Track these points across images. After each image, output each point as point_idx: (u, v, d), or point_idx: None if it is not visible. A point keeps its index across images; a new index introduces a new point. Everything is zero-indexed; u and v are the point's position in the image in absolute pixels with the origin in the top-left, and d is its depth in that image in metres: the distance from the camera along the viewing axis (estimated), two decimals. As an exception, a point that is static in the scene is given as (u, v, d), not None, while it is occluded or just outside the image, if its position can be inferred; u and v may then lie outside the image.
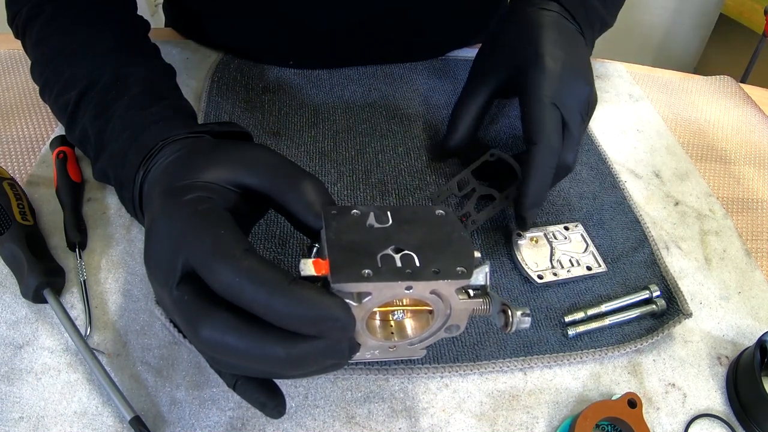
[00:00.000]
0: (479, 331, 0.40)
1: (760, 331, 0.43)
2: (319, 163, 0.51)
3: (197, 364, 0.37)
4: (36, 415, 0.34)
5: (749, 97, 0.68)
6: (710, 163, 0.59)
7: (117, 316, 0.39)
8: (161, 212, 0.29)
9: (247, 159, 0.32)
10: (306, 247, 0.34)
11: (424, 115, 0.57)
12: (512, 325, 0.29)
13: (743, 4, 1.87)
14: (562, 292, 0.43)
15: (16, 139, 0.51)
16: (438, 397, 0.37)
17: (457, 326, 0.30)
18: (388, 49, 0.62)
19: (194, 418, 0.34)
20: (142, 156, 0.35)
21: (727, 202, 0.54)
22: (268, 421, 0.35)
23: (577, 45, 0.48)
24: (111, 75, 0.41)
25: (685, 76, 0.71)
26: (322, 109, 0.56)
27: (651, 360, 0.40)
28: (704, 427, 0.37)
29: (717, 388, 0.39)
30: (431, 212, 0.30)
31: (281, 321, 0.25)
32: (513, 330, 0.29)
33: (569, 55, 0.45)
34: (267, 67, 0.61)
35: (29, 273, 0.37)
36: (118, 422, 0.34)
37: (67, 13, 0.45)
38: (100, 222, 0.44)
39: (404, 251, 0.27)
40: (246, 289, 0.25)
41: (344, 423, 0.35)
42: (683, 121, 0.63)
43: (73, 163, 0.47)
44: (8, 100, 0.54)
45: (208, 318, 0.25)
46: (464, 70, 0.64)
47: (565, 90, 0.43)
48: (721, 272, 0.47)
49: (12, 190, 0.42)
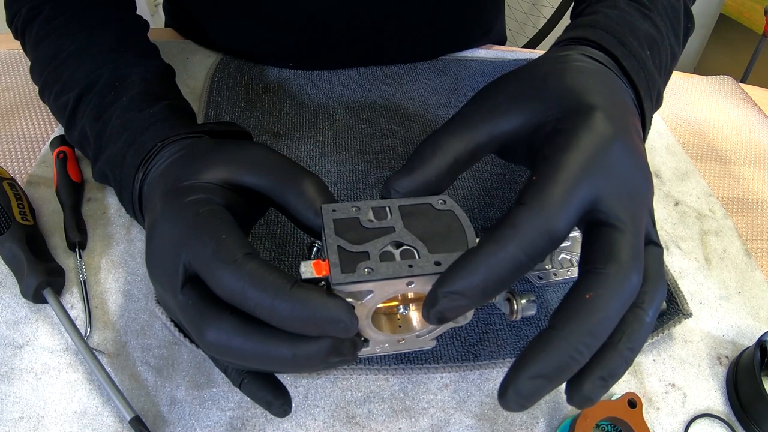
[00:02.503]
0: (479, 331, 0.40)
1: (760, 331, 0.43)
2: (319, 163, 0.51)
3: (197, 364, 0.37)
4: (36, 415, 0.34)
5: (749, 97, 0.68)
6: (710, 163, 0.59)
7: (117, 316, 0.39)
8: (162, 214, 0.29)
9: (247, 158, 0.32)
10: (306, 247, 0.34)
11: (424, 115, 0.57)
12: (518, 312, 0.29)
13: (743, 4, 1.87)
14: (562, 292, 0.43)
15: (16, 139, 0.51)
16: (438, 397, 0.37)
17: (464, 316, 0.30)
18: (388, 50, 0.62)
19: (194, 418, 0.34)
20: (141, 157, 0.35)
21: (727, 202, 0.54)
22: (268, 420, 0.35)
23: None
24: (110, 76, 0.41)
25: (685, 76, 0.71)
26: (322, 109, 0.56)
27: (651, 360, 0.40)
28: (704, 427, 0.37)
29: (717, 388, 0.39)
30: (431, 204, 0.30)
31: (285, 324, 0.25)
32: (519, 317, 0.29)
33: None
34: (267, 67, 0.61)
35: (29, 273, 0.37)
36: (118, 422, 0.34)
37: (66, 14, 0.45)
38: (100, 222, 0.44)
39: (404, 246, 0.27)
40: (248, 294, 0.25)
41: (344, 423, 0.35)
42: (683, 120, 0.63)
43: (73, 163, 0.47)
44: (8, 100, 0.54)
45: (213, 322, 0.26)
46: (464, 70, 0.64)
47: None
48: (721, 272, 0.47)
49: (12, 190, 0.42)
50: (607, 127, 0.28)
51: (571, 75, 0.32)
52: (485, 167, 0.52)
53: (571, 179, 0.26)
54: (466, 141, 0.31)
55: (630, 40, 0.37)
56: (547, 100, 0.31)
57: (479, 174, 0.51)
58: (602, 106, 0.29)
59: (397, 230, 0.28)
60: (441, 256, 0.27)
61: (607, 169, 0.27)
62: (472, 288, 0.24)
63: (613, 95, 0.32)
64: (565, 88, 0.31)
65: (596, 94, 0.30)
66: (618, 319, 0.25)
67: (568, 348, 0.24)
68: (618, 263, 0.25)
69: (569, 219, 0.26)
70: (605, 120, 0.29)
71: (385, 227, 0.28)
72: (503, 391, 0.24)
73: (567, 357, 0.24)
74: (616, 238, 0.26)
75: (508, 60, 0.66)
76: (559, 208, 0.26)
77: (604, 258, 0.26)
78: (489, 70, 0.64)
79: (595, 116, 0.29)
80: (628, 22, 0.38)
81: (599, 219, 0.27)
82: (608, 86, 0.32)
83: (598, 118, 0.29)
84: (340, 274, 0.26)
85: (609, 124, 0.29)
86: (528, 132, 0.31)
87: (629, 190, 0.28)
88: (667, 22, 0.41)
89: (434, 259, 0.27)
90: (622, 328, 0.26)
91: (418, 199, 0.30)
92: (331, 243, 0.27)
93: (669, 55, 0.41)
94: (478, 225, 0.47)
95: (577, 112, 0.29)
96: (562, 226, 0.26)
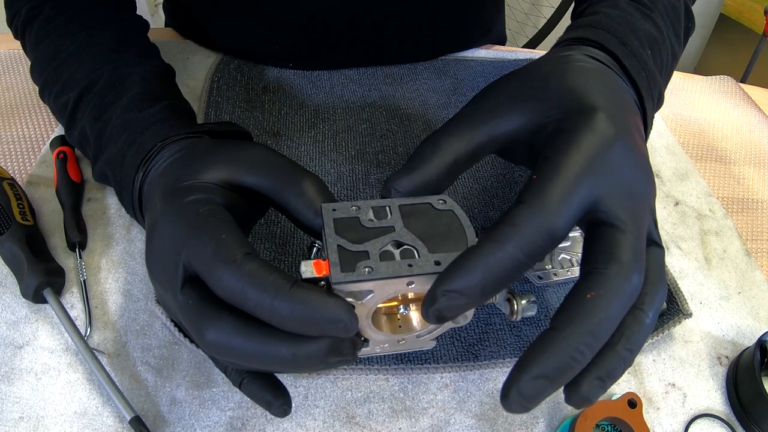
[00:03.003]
0: (479, 331, 0.40)
1: (760, 331, 0.43)
2: (319, 163, 0.51)
3: (197, 364, 0.37)
4: (36, 415, 0.34)
5: (749, 97, 0.68)
6: (710, 163, 0.59)
7: (117, 316, 0.39)
8: (162, 214, 0.29)
9: (247, 158, 0.32)
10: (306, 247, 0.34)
11: (424, 115, 0.57)
12: (518, 312, 0.29)
13: (743, 4, 1.87)
14: (563, 292, 0.43)
15: (16, 139, 0.51)
16: (438, 397, 0.37)
17: (464, 316, 0.30)
18: (388, 50, 0.62)
19: (194, 418, 0.34)
20: (141, 157, 0.35)
21: (727, 202, 0.54)
22: (268, 420, 0.35)
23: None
24: (110, 76, 0.41)
25: (685, 76, 0.71)
26: (322, 109, 0.56)
27: (651, 360, 0.40)
28: (704, 427, 0.37)
29: (717, 388, 0.39)
30: (431, 204, 0.30)
31: (284, 324, 0.25)
32: (519, 317, 0.29)
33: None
34: (267, 67, 0.61)
35: (29, 273, 0.37)
36: (118, 422, 0.34)
37: (66, 14, 0.45)
38: (100, 222, 0.44)
39: (404, 245, 0.27)
40: (248, 294, 0.25)
41: (344, 423, 0.35)
42: (683, 120, 0.63)
43: (73, 163, 0.47)
44: (8, 100, 0.54)
45: (213, 322, 0.26)
46: (464, 70, 0.64)
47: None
48: (721, 272, 0.47)
49: (12, 190, 0.42)
50: (608, 127, 0.28)
51: (573, 75, 0.32)
52: (485, 167, 0.52)
53: (572, 179, 0.26)
54: (467, 141, 0.31)
55: (631, 40, 0.37)
56: (548, 100, 0.31)
57: (479, 174, 0.51)
58: (604, 107, 0.29)
59: (397, 230, 0.28)
60: (441, 255, 0.27)
61: (608, 170, 0.27)
62: (470, 287, 0.24)
63: (614, 95, 0.31)
64: (566, 88, 0.31)
65: (598, 95, 0.30)
66: (619, 319, 0.25)
67: (569, 348, 0.24)
68: (619, 263, 0.25)
69: (569, 218, 0.26)
70: (607, 120, 0.28)
71: (385, 227, 0.28)
72: (506, 393, 0.24)
73: (568, 357, 0.24)
74: (617, 239, 0.26)
75: (508, 60, 0.66)
76: (559, 207, 0.26)
77: (605, 258, 0.25)
78: (489, 70, 0.64)
79: (596, 116, 0.29)
80: (629, 22, 0.38)
81: (600, 219, 0.27)
82: (610, 86, 0.32)
83: (599, 119, 0.28)
84: (340, 273, 0.26)
85: (610, 125, 0.28)
86: (529, 132, 0.31)
87: (630, 191, 0.28)
88: (667, 21, 0.41)
89: (434, 258, 0.27)
90: (622, 330, 0.25)
91: (418, 199, 0.30)
92: (331, 242, 0.27)
93: (670, 55, 0.41)
94: (478, 225, 0.47)
95: (579, 113, 0.29)
96: (562, 226, 0.26)
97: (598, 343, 0.25)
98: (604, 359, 0.25)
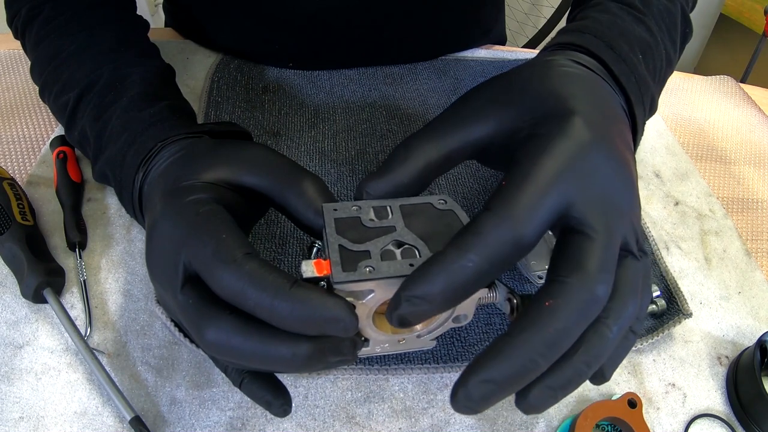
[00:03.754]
0: (479, 331, 0.40)
1: (760, 331, 0.43)
2: (319, 163, 0.51)
3: (197, 364, 0.37)
4: (36, 415, 0.34)
5: (749, 97, 0.68)
6: (710, 163, 0.59)
7: (117, 316, 0.39)
8: (162, 214, 0.29)
9: (247, 158, 0.32)
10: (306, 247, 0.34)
11: (424, 116, 0.57)
12: (518, 312, 0.29)
13: (743, 4, 1.87)
14: (562, 292, 0.43)
15: (16, 139, 0.51)
16: (438, 397, 0.37)
17: (464, 315, 0.30)
18: (388, 50, 0.62)
19: (194, 418, 0.34)
20: (141, 157, 0.35)
21: (727, 202, 0.54)
22: (268, 420, 0.35)
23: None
24: (110, 76, 0.41)
25: (685, 76, 0.71)
26: (322, 109, 0.56)
27: (651, 360, 0.40)
28: (704, 427, 0.37)
29: (717, 388, 0.39)
30: (432, 203, 0.30)
31: (284, 324, 0.25)
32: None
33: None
34: (267, 67, 0.61)
35: (29, 273, 0.37)
36: (118, 422, 0.34)
37: (66, 14, 0.45)
38: (100, 222, 0.44)
39: (405, 245, 0.27)
40: (248, 293, 0.25)
41: (344, 423, 0.35)
42: (683, 120, 0.63)
43: (73, 163, 0.47)
44: (8, 100, 0.54)
45: (213, 321, 0.26)
46: (464, 70, 0.64)
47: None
48: (721, 272, 0.47)
49: (12, 190, 0.42)
50: (584, 133, 0.27)
51: (553, 79, 0.31)
52: (485, 167, 0.52)
53: (541, 186, 0.25)
54: (439, 146, 0.30)
55: (620, 44, 0.36)
56: (525, 104, 0.30)
57: (479, 174, 0.51)
58: (582, 111, 0.28)
59: (398, 229, 0.28)
60: None
61: (582, 176, 0.26)
62: (432, 294, 0.23)
63: (596, 100, 0.30)
64: (545, 91, 0.30)
65: (577, 99, 0.29)
66: (579, 331, 0.24)
67: (520, 356, 0.23)
68: (582, 273, 0.24)
69: (537, 227, 0.25)
70: (583, 126, 0.28)
71: (386, 226, 0.28)
72: (454, 393, 0.24)
73: (519, 366, 0.23)
74: (584, 247, 0.25)
75: (508, 60, 0.66)
76: (526, 216, 0.25)
77: (568, 266, 0.25)
78: (489, 70, 0.64)
79: (572, 121, 0.28)
80: (618, 26, 0.37)
81: (571, 226, 0.26)
82: (593, 92, 0.31)
83: (575, 123, 0.28)
84: (341, 272, 0.26)
85: (587, 130, 0.27)
86: (504, 137, 0.30)
87: (606, 199, 0.27)
88: (662, 26, 0.40)
89: None
90: (581, 342, 0.25)
91: (419, 199, 0.30)
92: (332, 242, 0.27)
93: (664, 60, 0.40)
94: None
95: (555, 117, 0.28)
96: (530, 234, 0.25)
97: (553, 354, 0.24)
98: (558, 370, 0.24)
